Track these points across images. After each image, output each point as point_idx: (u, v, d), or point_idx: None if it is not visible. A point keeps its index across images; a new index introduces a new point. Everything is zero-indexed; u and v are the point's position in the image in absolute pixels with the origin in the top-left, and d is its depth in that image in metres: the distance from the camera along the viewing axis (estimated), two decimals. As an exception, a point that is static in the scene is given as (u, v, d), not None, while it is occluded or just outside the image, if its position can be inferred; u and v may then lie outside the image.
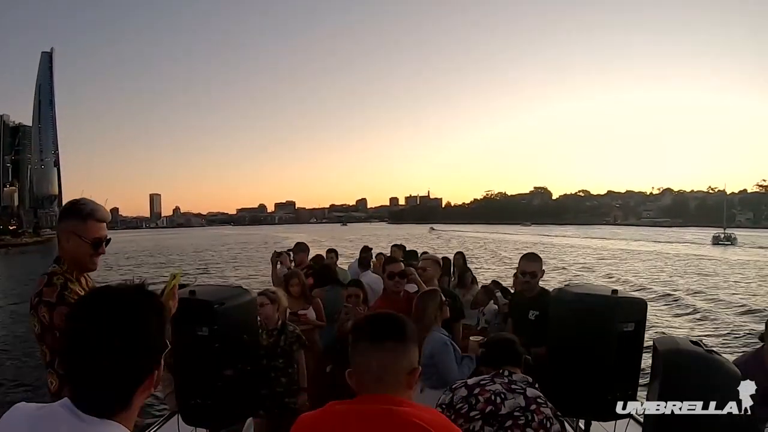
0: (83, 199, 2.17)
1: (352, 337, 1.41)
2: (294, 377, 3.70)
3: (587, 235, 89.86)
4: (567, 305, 2.90)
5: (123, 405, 0.97)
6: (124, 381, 0.96)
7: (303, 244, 6.24)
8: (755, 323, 14.50)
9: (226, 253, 53.61)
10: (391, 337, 1.35)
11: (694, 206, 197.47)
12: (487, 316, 5.05)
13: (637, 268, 32.19)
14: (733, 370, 2.14)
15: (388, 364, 1.33)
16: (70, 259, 2.11)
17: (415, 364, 1.37)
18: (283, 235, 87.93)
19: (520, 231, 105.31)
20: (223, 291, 2.88)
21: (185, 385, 2.73)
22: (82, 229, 2.08)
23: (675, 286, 23.13)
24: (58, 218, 2.19)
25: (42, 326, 1.96)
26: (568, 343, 2.82)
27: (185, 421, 2.76)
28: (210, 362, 2.60)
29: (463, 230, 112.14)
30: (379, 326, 1.39)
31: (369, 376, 1.33)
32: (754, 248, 53.67)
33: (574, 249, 51.75)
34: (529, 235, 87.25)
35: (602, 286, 3.12)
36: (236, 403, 2.71)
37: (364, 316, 1.52)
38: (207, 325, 2.58)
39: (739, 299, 19.47)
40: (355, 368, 1.36)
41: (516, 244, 56.96)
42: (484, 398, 2.08)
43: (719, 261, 37.87)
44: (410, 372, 1.36)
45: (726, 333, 14.12)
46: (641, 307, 2.77)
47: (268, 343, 3.61)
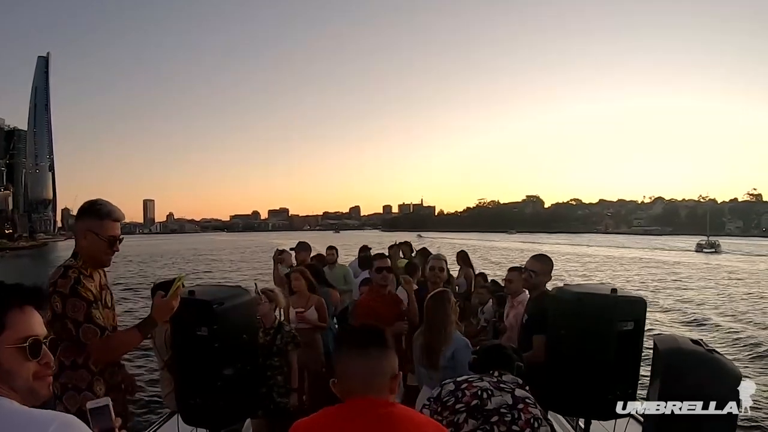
0: (100, 199, 2.35)
1: (335, 347, 1.54)
2: (287, 377, 3.70)
3: (576, 242, 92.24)
4: (566, 304, 2.92)
5: None
6: None
7: (305, 243, 6.24)
8: (724, 321, 16.81)
9: (226, 257, 54.50)
10: (374, 344, 1.44)
11: (684, 215, 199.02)
12: (486, 315, 5.08)
13: (618, 274, 34.32)
14: (733, 369, 2.15)
15: (374, 369, 1.41)
16: (87, 255, 2.30)
17: (396, 371, 1.46)
18: (277, 242, 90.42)
19: (507, 239, 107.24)
20: (223, 291, 2.87)
21: (185, 385, 2.72)
22: (98, 227, 2.28)
23: (647, 288, 25.41)
24: (77, 216, 2.38)
25: (53, 314, 2.10)
26: (568, 342, 2.84)
27: (185, 421, 2.76)
28: (209, 362, 2.60)
29: (451, 238, 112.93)
30: (361, 334, 1.49)
31: (356, 382, 1.41)
32: (736, 254, 56.90)
33: (560, 256, 52.51)
34: (519, 242, 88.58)
35: (601, 285, 3.14)
36: (236, 403, 2.70)
37: (346, 328, 1.61)
38: (206, 325, 2.58)
39: (700, 299, 22.19)
40: (341, 376, 1.44)
41: (501, 252, 58.15)
42: (470, 392, 2.09)
43: (695, 266, 41.29)
44: (393, 377, 1.44)
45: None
46: (640, 305, 2.78)
47: (265, 341, 3.61)
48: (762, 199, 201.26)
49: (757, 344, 13.68)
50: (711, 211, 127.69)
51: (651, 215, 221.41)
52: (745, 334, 14.96)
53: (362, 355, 1.42)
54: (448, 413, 2.06)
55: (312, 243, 6.43)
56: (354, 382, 1.40)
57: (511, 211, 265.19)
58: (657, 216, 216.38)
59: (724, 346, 13.40)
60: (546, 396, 3.02)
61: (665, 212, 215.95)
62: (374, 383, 1.40)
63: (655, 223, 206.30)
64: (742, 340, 14.19)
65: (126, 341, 2.30)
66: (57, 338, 2.12)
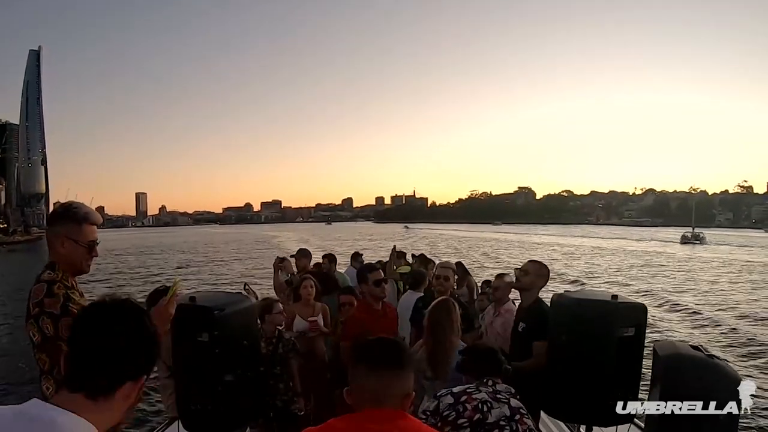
0: (74, 202, 2.14)
1: (352, 358, 1.48)
2: (290, 384, 3.69)
3: (563, 233, 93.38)
4: (567, 310, 2.91)
5: (105, 391, 1.07)
6: (115, 372, 1.09)
7: (305, 250, 6.20)
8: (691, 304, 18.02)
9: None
10: (391, 364, 1.41)
11: (674, 206, 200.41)
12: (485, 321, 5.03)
13: (599, 263, 35.32)
14: (733, 374, 2.16)
15: (386, 389, 1.38)
16: (65, 263, 2.08)
17: (410, 390, 1.43)
18: (271, 234, 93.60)
19: (494, 230, 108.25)
20: (223, 297, 2.87)
21: (185, 390, 2.72)
22: (77, 232, 2.07)
23: (624, 278, 26.96)
24: (49, 222, 2.15)
25: (43, 336, 1.92)
26: (569, 348, 2.83)
27: (185, 427, 2.75)
28: (210, 368, 2.59)
29: (440, 229, 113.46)
30: (379, 352, 1.44)
31: (368, 397, 1.38)
32: (721, 246, 58.09)
33: (547, 247, 53.34)
34: (508, 233, 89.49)
35: (602, 291, 3.13)
36: (236, 409, 2.69)
37: (367, 339, 1.55)
38: (207, 330, 2.57)
39: (673, 288, 22.96)
40: (354, 388, 1.41)
41: (487, 242, 59.20)
42: (471, 406, 2.09)
43: (674, 257, 42.47)
44: (405, 396, 1.41)
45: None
46: (641, 311, 2.79)
47: (267, 351, 3.59)
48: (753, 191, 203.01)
49: (726, 332, 14.18)
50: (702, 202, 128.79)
51: (642, 207, 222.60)
52: (710, 320, 15.83)
53: (378, 374, 1.39)
54: (450, 429, 2.06)
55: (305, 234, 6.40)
56: (366, 396, 1.39)
57: (503, 203, 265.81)
58: (648, 207, 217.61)
59: (692, 329, 14.40)
60: (547, 402, 3.06)
61: (656, 204, 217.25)
62: (385, 402, 1.38)
63: (645, 214, 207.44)
64: (709, 330, 14.72)
65: None
66: (52, 362, 1.93)
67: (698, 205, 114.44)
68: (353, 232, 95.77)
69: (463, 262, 7.27)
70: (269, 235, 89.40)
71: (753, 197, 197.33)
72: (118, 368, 1.09)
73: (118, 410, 1.11)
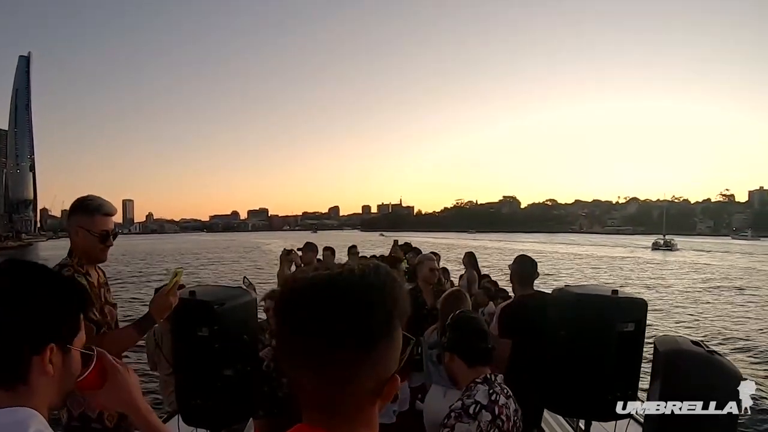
0: (90, 195, 2.34)
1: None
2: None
3: (545, 241, 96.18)
4: (567, 306, 2.92)
5: (17, 376, 0.91)
6: (9, 349, 0.90)
7: (312, 243, 6.24)
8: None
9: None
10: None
11: (656, 215, 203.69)
12: (486, 317, 5.06)
13: (557, 269, 37.85)
14: (734, 370, 2.16)
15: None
16: (81, 251, 2.29)
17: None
18: (259, 241, 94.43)
19: (467, 237, 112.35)
20: (223, 291, 2.83)
21: (185, 385, 2.68)
22: (89, 223, 2.27)
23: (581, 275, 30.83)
24: (68, 214, 2.35)
25: None
26: (569, 343, 2.83)
27: (185, 422, 2.72)
28: (210, 363, 2.56)
29: (417, 236, 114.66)
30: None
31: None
32: (690, 252, 62.95)
33: (518, 253, 54.49)
34: (488, 241, 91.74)
35: (602, 287, 3.13)
36: (237, 404, 2.67)
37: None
38: (207, 325, 2.54)
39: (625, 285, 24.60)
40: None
41: (463, 249, 59.81)
42: (504, 415, 2.01)
43: (638, 260, 47.61)
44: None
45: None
46: (641, 306, 2.78)
47: (270, 343, 3.56)
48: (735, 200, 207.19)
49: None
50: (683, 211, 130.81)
51: (625, 215, 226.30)
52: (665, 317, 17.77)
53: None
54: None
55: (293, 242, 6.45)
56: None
57: (488, 212, 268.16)
58: (630, 216, 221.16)
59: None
60: (546, 396, 3.06)
61: (638, 212, 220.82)
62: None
63: (628, 223, 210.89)
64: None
65: (122, 339, 2.24)
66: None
67: (680, 213, 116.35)
68: (339, 240, 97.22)
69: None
70: (258, 242, 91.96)
71: (734, 206, 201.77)
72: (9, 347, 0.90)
73: (56, 383, 0.95)
